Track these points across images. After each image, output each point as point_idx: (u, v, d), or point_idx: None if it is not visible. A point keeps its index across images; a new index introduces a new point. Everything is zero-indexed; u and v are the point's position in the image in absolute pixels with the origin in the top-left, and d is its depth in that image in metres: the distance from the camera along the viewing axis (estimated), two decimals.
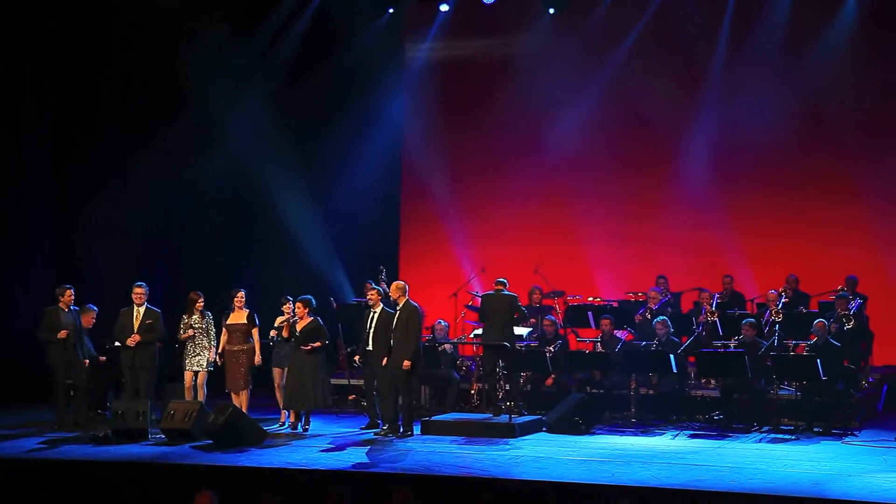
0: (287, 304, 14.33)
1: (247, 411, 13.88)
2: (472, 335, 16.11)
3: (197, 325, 14.21)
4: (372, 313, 14.18)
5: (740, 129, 18.16)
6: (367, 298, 14.40)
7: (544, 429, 13.97)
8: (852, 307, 14.92)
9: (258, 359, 14.22)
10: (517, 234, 19.06)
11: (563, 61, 18.79)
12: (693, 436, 13.71)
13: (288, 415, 14.24)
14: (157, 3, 17.33)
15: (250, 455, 12.35)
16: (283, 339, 14.13)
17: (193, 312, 14.25)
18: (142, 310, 14.20)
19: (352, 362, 15.25)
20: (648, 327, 15.30)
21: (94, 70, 17.62)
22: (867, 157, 17.60)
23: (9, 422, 14.43)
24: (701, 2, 18.28)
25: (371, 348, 14.06)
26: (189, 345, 14.22)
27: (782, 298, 15.32)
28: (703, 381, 15.07)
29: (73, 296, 14.35)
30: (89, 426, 13.96)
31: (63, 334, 14.13)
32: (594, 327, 15.78)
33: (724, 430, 13.97)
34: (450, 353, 15.76)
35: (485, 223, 19.38)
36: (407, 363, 13.47)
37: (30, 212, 16.92)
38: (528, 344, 15.39)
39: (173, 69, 17.77)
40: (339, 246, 18.78)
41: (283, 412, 14.35)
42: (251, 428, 13.25)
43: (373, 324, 14.10)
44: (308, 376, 13.84)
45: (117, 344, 14.32)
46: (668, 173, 18.48)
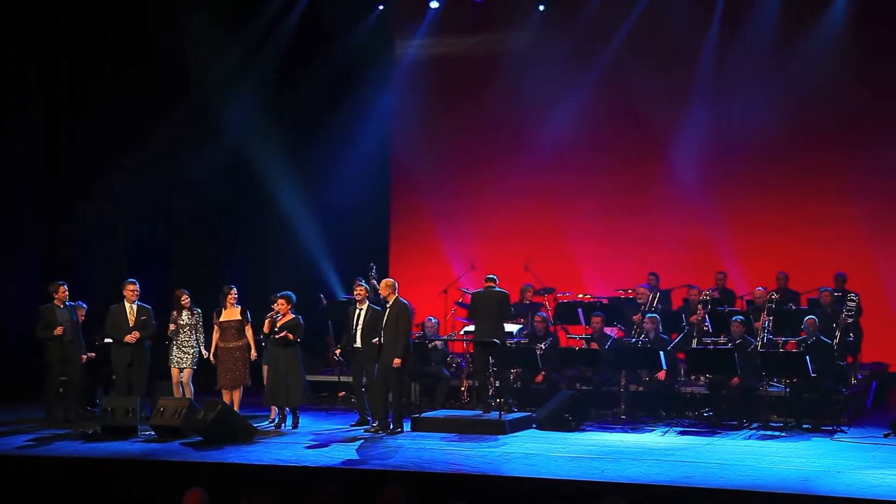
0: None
1: (238, 409, 13.88)
2: (462, 332, 16.11)
3: (184, 322, 14.20)
4: (358, 310, 14.18)
5: (731, 125, 18.18)
6: (355, 295, 14.41)
7: (534, 425, 13.97)
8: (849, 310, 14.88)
9: (254, 354, 14.22)
10: (507, 231, 19.07)
11: (553, 58, 18.79)
12: (683, 432, 13.72)
13: (278, 412, 14.23)
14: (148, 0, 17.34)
15: (240, 452, 12.32)
16: (264, 334, 14.12)
17: (181, 310, 14.23)
18: (134, 307, 14.19)
19: (340, 360, 15.20)
20: (638, 324, 15.30)
21: (85, 65, 17.55)
22: (858, 153, 17.63)
23: None
24: None
25: (359, 345, 14.06)
26: (175, 341, 14.20)
27: (773, 295, 15.30)
28: (693, 377, 15.10)
29: (66, 292, 14.32)
30: (79, 423, 13.94)
31: (59, 331, 14.11)
32: (584, 324, 15.79)
33: (714, 426, 13.98)
34: (440, 349, 15.76)
35: (475, 220, 19.37)
36: (397, 360, 13.46)
37: (19, 209, 16.83)
38: (519, 341, 15.40)
39: (166, 66, 17.74)
40: (329, 243, 18.76)
41: (272, 409, 14.34)
42: (241, 425, 13.24)
43: (360, 321, 14.10)
44: (283, 373, 13.84)
45: (108, 341, 14.30)
46: (659, 170, 18.50)
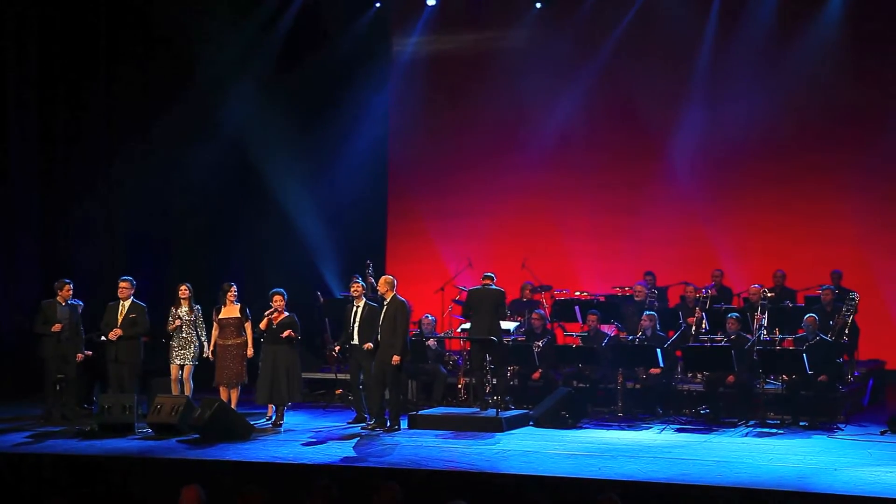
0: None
1: (236, 406, 13.88)
2: (459, 330, 16.11)
3: (185, 318, 14.19)
4: (354, 307, 14.18)
5: (727, 123, 18.19)
6: (351, 292, 14.39)
7: (531, 423, 13.97)
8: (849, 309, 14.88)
9: (250, 352, 14.21)
10: (504, 229, 19.08)
11: (550, 55, 18.81)
12: (679, 430, 13.73)
13: (275, 409, 14.22)
14: None
15: (237, 449, 12.32)
16: (261, 331, 14.11)
17: (181, 305, 14.23)
18: (127, 304, 14.19)
19: (339, 356, 15.20)
20: (635, 321, 15.31)
21: (80, 62, 17.53)
22: (855, 151, 17.66)
23: None
24: None
25: (356, 342, 14.06)
26: (175, 338, 14.19)
27: (766, 293, 15.29)
28: (690, 375, 15.11)
29: (71, 290, 14.33)
30: (76, 420, 13.93)
31: (57, 328, 14.10)
32: (581, 322, 15.79)
33: (711, 424, 13.99)
34: (437, 347, 15.76)
35: (472, 218, 19.36)
36: (396, 358, 13.46)
37: (16, 205, 16.82)
38: (516, 338, 15.40)
39: (162, 63, 17.72)
40: (326, 240, 18.75)
41: (269, 407, 14.32)
42: (238, 422, 13.22)
43: (356, 318, 14.10)
44: (281, 371, 13.84)
45: (103, 338, 14.31)
46: (656, 167, 18.52)
